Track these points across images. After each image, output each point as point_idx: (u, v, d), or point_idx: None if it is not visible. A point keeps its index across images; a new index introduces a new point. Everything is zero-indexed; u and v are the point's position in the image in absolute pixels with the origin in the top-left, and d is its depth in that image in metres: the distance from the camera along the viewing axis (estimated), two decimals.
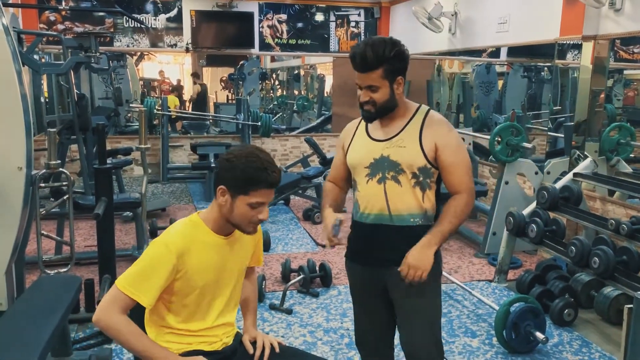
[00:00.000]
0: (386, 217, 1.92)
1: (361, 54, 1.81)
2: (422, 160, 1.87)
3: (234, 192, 1.62)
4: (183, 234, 1.66)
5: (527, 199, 4.50)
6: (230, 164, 1.61)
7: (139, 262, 1.62)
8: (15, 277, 2.83)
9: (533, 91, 7.76)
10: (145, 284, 1.58)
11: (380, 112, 1.89)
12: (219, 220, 1.68)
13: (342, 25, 8.54)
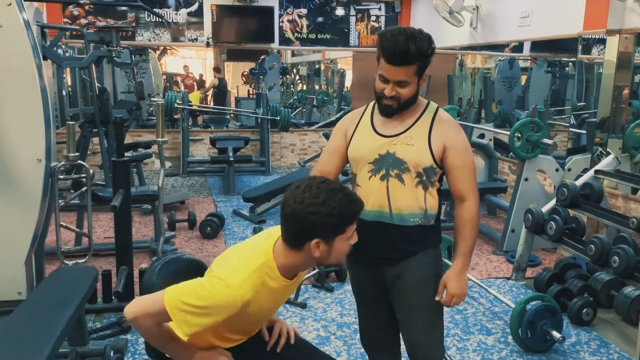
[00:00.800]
0: (386, 215, 1.86)
1: (403, 47, 1.70)
2: (429, 160, 1.82)
3: (330, 238, 1.52)
4: (254, 286, 1.51)
5: (547, 196, 4.43)
6: (317, 214, 1.47)
7: (201, 294, 1.45)
8: (34, 267, 2.89)
9: (557, 87, 7.62)
10: (195, 319, 1.45)
11: (402, 108, 1.83)
12: (297, 267, 1.60)
13: (363, 19, 8.49)
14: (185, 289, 1.47)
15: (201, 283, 1.49)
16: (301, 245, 1.52)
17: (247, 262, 1.53)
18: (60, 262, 3.14)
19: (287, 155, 8.28)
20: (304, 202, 1.48)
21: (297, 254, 1.55)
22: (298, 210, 1.48)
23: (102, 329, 3.09)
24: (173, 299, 1.45)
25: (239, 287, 1.46)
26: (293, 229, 1.52)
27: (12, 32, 2.53)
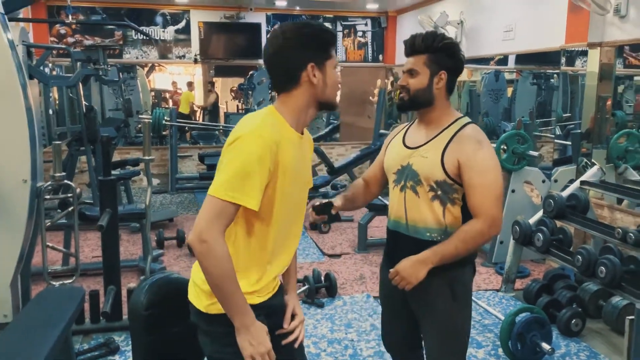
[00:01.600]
0: (403, 226, 1.89)
1: (413, 37, 1.87)
2: (440, 174, 1.79)
3: (321, 61, 1.48)
4: (272, 124, 1.44)
5: (534, 207, 4.47)
6: (302, 36, 1.46)
7: (233, 161, 1.38)
8: (20, 288, 2.86)
9: (542, 98, 7.71)
10: (248, 183, 1.37)
11: (413, 101, 1.85)
12: (298, 113, 1.51)
13: (349, 35, 8.57)
14: (222, 173, 1.39)
15: (228, 158, 1.40)
16: (297, 79, 1.47)
17: (253, 119, 1.46)
18: (46, 283, 3.11)
19: None
20: (279, 39, 1.47)
21: (296, 94, 1.49)
22: (280, 45, 1.47)
23: (89, 351, 3.05)
24: (217, 187, 1.37)
25: (258, 128, 1.41)
26: (284, 65, 1.48)
27: None
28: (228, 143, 1.42)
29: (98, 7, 7.61)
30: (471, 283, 1.95)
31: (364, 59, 8.67)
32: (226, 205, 1.36)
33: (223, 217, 1.37)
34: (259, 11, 8.22)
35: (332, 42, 1.52)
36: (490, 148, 1.82)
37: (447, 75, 1.84)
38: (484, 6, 6.04)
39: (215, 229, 1.35)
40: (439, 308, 1.88)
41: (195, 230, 1.36)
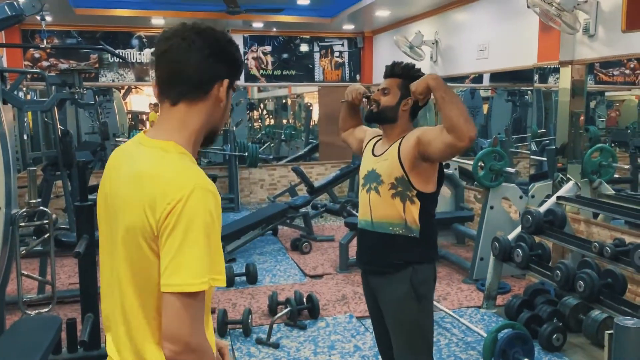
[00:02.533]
0: (369, 223, 2.13)
1: (393, 63, 2.17)
2: (398, 170, 2.04)
3: (232, 82, 1.21)
4: (201, 171, 1.12)
5: (513, 223, 4.52)
6: (222, 46, 1.17)
7: (193, 231, 1.03)
8: None
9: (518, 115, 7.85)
10: (216, 255, 1.07)
11: (380, 115, 2.13)
12: (196, 143, 1.20)
13: (327, 55, 8.65)
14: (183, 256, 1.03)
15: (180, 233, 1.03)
16: (208, 89, 1.16)
17: (178, 162, 1.11)
18: (22, 313, 3.03)
19: (256, 190, 8.26)
20: (206, 31, 1.16)
21: (197, 109, 1.16)
22: (194, 42, 1.14)
23: None
24: (187, 276, 1.02)
25: (203, 181, 1.08)
26: (197, 67, 1.14)
27: None
28: (164, 210, 1.03)
29: (73, 30, 7.57)
30: (434, 282, 2.16)
31: (341, 79, 8.74)
32: (201, 299, 1.05)
33: (200, 314, 1.05)
34: (236, 33, 8.25)
35: (242, 66, 1.29)
36: None
37: (413, 102, 2.10)
38: (457, 26, 6.16)
39: (202, 334, 1.06)
40: (406, 310, 2.07)
41: (176, 341, 1.02)
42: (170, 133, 1.15)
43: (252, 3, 6.49)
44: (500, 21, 5.36)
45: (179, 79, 1.15)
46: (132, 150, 1.17)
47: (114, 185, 1.16)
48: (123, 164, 1.16)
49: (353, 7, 6.72)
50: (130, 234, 1.08)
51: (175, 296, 1.01)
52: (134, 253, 1.08)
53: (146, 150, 1.14)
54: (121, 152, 1.21)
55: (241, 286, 4.54)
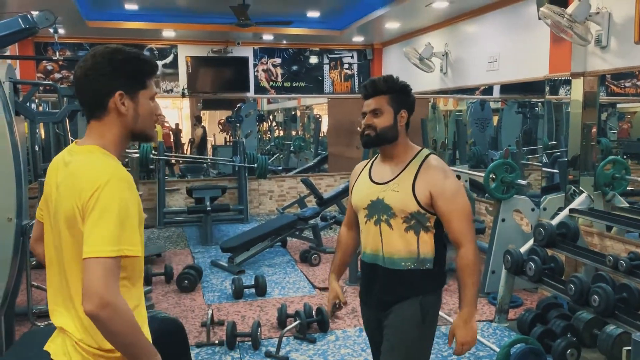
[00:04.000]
0: (380, 258, 1.98)
1: (373, 80, 1.99)
2: (414, 206, 1.90)
3: (133, 90, 1.42)
4: (120, 165, 1.39)
5: (525, 236, 4.47)
6: (113, 62, 1.38)
7: (107, 211, 1.27)
8: (4, 329, 2.78)
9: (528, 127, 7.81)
10: (128, 231, 1.30)
11: (380, 138, 1.96)
12: (120, 145, 1.44)
13: (336, 67, 8.68)
14: (99, 229, 1.27)
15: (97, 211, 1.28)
16: (105, 105, 1.39)
17: (91, 160, 1.37)
18: (31, 324, 3.03)
19: (265, 202, 8.25)
20: (88, 62, 1.38)
21: (107, 122, 1.41)
22: (89, 68, 1.38)
23: None
24: (99, 243, 1.25)
25: (116, 170, 1.35)
26: (91, 89, 1.39)
27: None
28: (86, 197, 1.29)
29: (85, 43, 7.65)
30: (439, 307, 2.07)
31: (350, 90, 8.76)
32: (116, 264, 1.26)
33: (115, 277, 1.26)
34: (246, 45, 8.31)
35: (149, 72, 1.46)
36: (454, 175, 1.99)
37: (407, 113, 1.99)
38: (468, 38, 6.15)
39: (115, 292, 1.25)
40: (409, 331, 1.96)
41: (93, 296, 1.22)
42: (93, 141, 1.41)
43: (262, 16, 6.53)
44: (511, 33, 5.35)
45: (82, 103, 1.43)
46: (65, 156, 1.43)
47: (53, 185, 1.42)
48: (60, 167, 1.42)
49: (363, 20, 6.74)
50: (70, 221, 1.33)
51: (87, 261, 1.25)
52: (75, 236, 1.32)
53: (76, 154, 1.41)
54: (59, 159, 1.46)
55: (250, 298, 4.51)
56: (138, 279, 1.43)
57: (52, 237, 1.43)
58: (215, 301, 4.46)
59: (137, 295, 1.44)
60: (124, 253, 1.27)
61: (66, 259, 1.37)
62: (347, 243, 2.23)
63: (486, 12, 5.70)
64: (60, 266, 1.40)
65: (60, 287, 1.41)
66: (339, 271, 2.23)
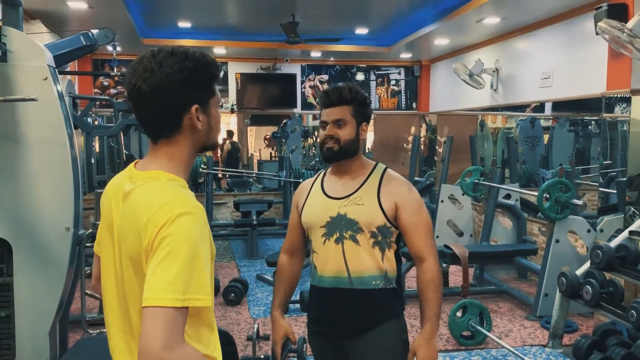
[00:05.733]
0: (345, 280, 1.81)
1: (337, 88, 1.85)
2: (381, 218, 1.79)
3: (206, 101, 1.22)
4: (190, 194, 1.18)
5: (580, 258, 4.30)
6: (185, 71, 1.17)
7: (174, 252, 1.05)
8: (59, 337, 2.85)
9: (581, 145, 7.56)
10: (197, 275, 1.06)
11: (343, 151, 1.83)
12: (188, 167, 1.24)
13: (383, 83, 8.66)
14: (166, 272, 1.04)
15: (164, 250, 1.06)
16: (179, 124, 1.19)
17: (164, 189, 1.16)
18: (83, 331, 3.11)
19: None
20: (157, 75, 1.15)
21: (179, 140, 1.20)
22: (158, 82, 1.15)
23: None
24: (164, 291, 1.02)
25: (188, 202, 1.13)
26: (162, 106, 1.17)
27: (47, 104, 2.62)
28: (151, 235, 1.08)
29: None
30: None
31: (397, 107, 8.71)
32: (181, 315, 1.03)
33: (179, 328, 1.03)
34: (294, 62, 8.41)
35: (217, 75, 1.26)
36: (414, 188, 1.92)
37: (367, 126, 1.89)
38: (520, 53, 6.03)
39: (179, 346, 1.02)
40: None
41: (147, 356, 1.00)
42: (158, 164, 1.21)
43: (311, 33, 6.60)
44: (566, 48, 5.21)
45: (148, 123, 1.21)
46: (125, 184, 1.21)
47: (115, 215, 1.22)
48: (119, 197, 1.22)
49: (411, 36, 6.72)
50: (134, 261, 1.14)
51: (146, 310, 1.02)
52: (140, 278, 1.11)
53: (137, 181, 1.19)
54: (117, 185, 1.25)
55: (295, 313, 4.50)
56: (208, 332, 1.19)
57: (114, 271, 1.22)
58: (261, 315, 4.47)
59: (210, 342, 1.20)
60: (191, 304, 1.04)
61: (130, 300, 1.17)
62: (290, 273, 2.02)
63: (539, 28, 5.57)
64: (124, 307, 1.20)
65: (124, 328, 1.21)
66: (284, 306, 1.98)
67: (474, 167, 5.88)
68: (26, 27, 5.25)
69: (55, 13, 5.32)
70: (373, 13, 6.17)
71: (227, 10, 6.14)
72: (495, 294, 4.93)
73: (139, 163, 1.25)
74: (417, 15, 6.07)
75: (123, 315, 1.20)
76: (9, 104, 2.55)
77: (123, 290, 1.19)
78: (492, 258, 5.19)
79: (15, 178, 2.63)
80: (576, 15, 4.97)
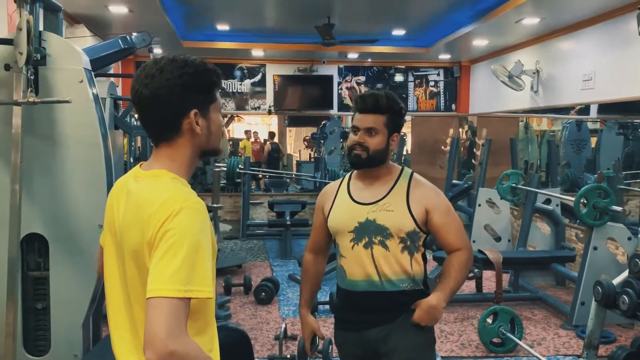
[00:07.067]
0: (377, 284, 1.84)
1: (374, 95, 1.84)
2: (411, 224, 1.82)
3: (205, 106, 1.27)
4: (192, 191, 1.22)
5: (620, 267, 4.14)
6: (184, 76, 1.22)
7: (177, 245, 1.10)
8: (92, 329, 2.96)
9: (630, 149, 7.30)
10: (199, 268, 1.11)
11: (371, 160, 1.84)
12: (190, 168, 1.29)
13: (421, 85, 8.58)
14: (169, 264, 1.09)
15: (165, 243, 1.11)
16: (178, 127, 1.24)
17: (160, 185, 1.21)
18: None
19: None
20: (157, 80, 1.21)
21: (180, 143, 1.26)
22: (157, 86, 1.21)
23: None
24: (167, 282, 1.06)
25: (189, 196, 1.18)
26: (162, 110, 1.23)
27: (81, 106, 2.72)
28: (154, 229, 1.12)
29: None
30: None
31: (436, 108, 8.62)
32: (184, 306, 1.07)
33: (183, 319, 1.07)
34: (331, 64, 8.44)
35: (218, 82, 1.30)
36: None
37: (398, 137, 1.89)
38: (561, 55, 5.87)
39: (183, 337, 1.06)
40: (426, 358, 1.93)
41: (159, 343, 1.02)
42: (161, 165, 1.26)
43: (348, 34, 6.61)
44: (608, 49, 5.04)
45: (149, 126, 1.27)
46: (130, 182, 1.27)
47: (116, 212, 1.27)
48: (123, 194, 1.27)
49: (450, 37, 6.64)
50: (137, 255, 1.18)
51: (150, 301, 1.06)
52: (143, 272, 1.16)
53: (141, 179, 1.25)
54: (122, 183, 1.31)
55: (324, 314, 4.51)
56: (208, 326, 1.26)
57: (117, 267, 1.27)
58: (290, 315, 4.50)
59: (207, 345, 1.25)
60: (193, 295, 1.08)
61: (132, 295, 1.22)
62: (316, 271, 2.07)
63: (581, 29, 5.41)
64: (127, 302, 1.24)
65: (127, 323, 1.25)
66: (310, 304, 2.06)
67: (512, 170, 5.74)
68: (70, 31, 5.47)
69: (98, 17, 5.52)
70: (410, 14, 6.13)
71: (264, 12, 6.22)
72: (530, 301, 4.81)
73: (144, 164, 1.30)
74: (455, 16, 6.00)
75: (127, 310, 1.24)
76: (47, 105, 2.66)
77: (126, 286, 1.23)
78: (526, 264, 5.06)
79: (52, 176, 2.74)
80: (618, 15, 4.81)
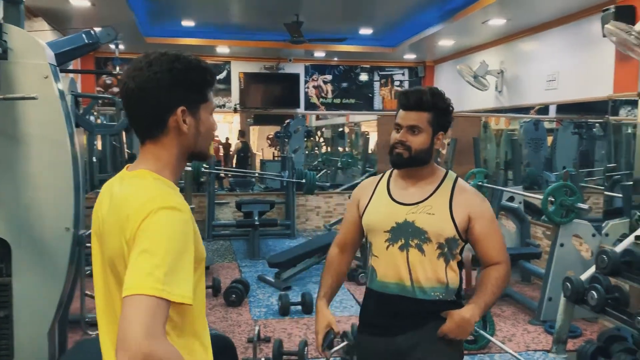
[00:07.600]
0: (408, 289, 1.76)
1: (418, 91, 1.76)
2: (451, 230, 1.74)
3: (195, 105, 1.21)
4: (175, 192, 1.18)
5: (584, 263, 4.25)
6: (173, 71, 1.17)
7: (154, 243, 1.04)
8: (58, 337, 2.83)
9: (584, 148, 7.52)
10: (179, 271, 1.04)
11: (413, 159, 1.76)
12: (177, 169, 1.24)
13: (386, 84, 8.64)
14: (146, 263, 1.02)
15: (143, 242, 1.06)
16: (164, 124, 1.19)
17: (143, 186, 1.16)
18: (83, 332, 3.08)
19: (312, 218, 8.23)
20: (144, 73, 1.16)
21: (165, 142, 1.20)
22: (144, 80, 1.16)
23: None
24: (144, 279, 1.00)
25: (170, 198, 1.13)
26: (148, 105, 1.18)
27: (47, 103, 2.58)
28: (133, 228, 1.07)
29: None
30: None
31: None
32: (163, 306, 1.00)
33: (161, 320, 0.99)
34: (298, 62, 8.39)
35: (210, 82, 1.24)
36: None
37: (443, 136, 1.80)
38: (525, 55, 5.99)
39: (160, 337, 0.98)
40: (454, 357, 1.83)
41: (134, 341, 0.94)
42: (145, 164, 1.22)
43: (316, 33, 6.57)
44: (572, 50, 5.17)
45: (134, 123, 1.23)
46: (115, 185, 1.24)
47: (100, 217, 1.23)
48: (107, 198, 1.23)
49: (416, 37, 6.69)
50: (117, 257, 1.13)
51: (127, 299, 1.00)
52: (123, 274, 1.09)
53: (125, 180, 1.22)
54: (108, 186, 1.27)
55: (296, 315, 4.46)
56: (188, 333, 1.18)
57: (101, 272, 1.22)
58: (262, 317, 4.44)
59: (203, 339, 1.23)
60: (171, 297, 1.01)
61: (116, 300, 1.15)
62: (339, 266, 1.97)
63: (545, 30, 5.54)
64: (112, 309, 1.19)
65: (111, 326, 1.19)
66: (330, 297, 1.94)
67: (478, 169, 5.83)
68: (28, 24, 5.23)
69: (58, 11, 5.31)
70: (378, 13, 6.14)
71: (230, 9, 6.12)
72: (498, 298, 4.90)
73: (130, 165, 1.26)
74: (422, 16, 6.04)
75: (110, 314, 1.19)
76: (9, 102, 2.52)
77: (108, 289, 1.19)
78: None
79: (15, 177, 2.60)
80: (583, 17, 4.94)
